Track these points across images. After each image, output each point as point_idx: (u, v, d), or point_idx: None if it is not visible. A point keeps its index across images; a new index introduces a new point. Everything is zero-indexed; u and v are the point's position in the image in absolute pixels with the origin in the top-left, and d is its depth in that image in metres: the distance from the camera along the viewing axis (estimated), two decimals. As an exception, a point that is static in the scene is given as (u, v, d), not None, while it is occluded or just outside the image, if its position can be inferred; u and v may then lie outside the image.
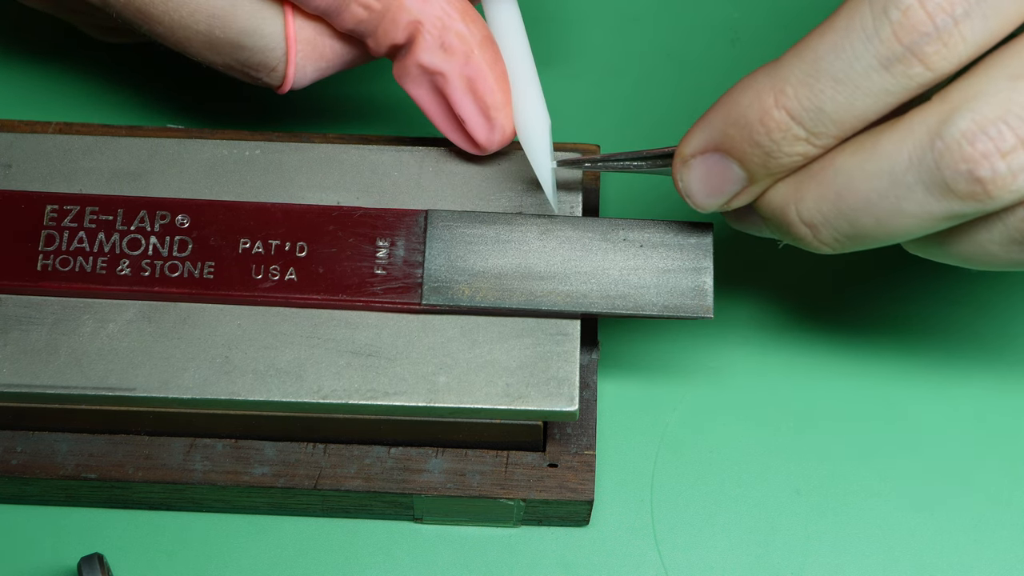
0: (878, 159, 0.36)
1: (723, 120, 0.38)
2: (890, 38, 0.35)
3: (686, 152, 0.39)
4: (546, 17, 0.54)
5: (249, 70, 0.44)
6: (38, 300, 0.44)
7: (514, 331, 0.43)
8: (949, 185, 0.35)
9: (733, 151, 0.38)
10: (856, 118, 0.36)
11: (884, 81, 0.35)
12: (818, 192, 0.37)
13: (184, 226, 0.44)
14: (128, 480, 0.45)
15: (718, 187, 0.39)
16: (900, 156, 0.35)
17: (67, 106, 0.52)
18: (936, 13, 0.34)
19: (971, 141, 0.34)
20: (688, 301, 0.43)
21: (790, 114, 0.36)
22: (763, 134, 0.37)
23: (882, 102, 0.36)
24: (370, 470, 0.45)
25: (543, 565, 0.47)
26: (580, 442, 0.46)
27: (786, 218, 0.38)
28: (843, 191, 0.37)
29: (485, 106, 0.44)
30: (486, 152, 0.45)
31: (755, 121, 0.37)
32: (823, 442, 0.48)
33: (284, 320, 0.43)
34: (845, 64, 0.35)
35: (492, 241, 0.44)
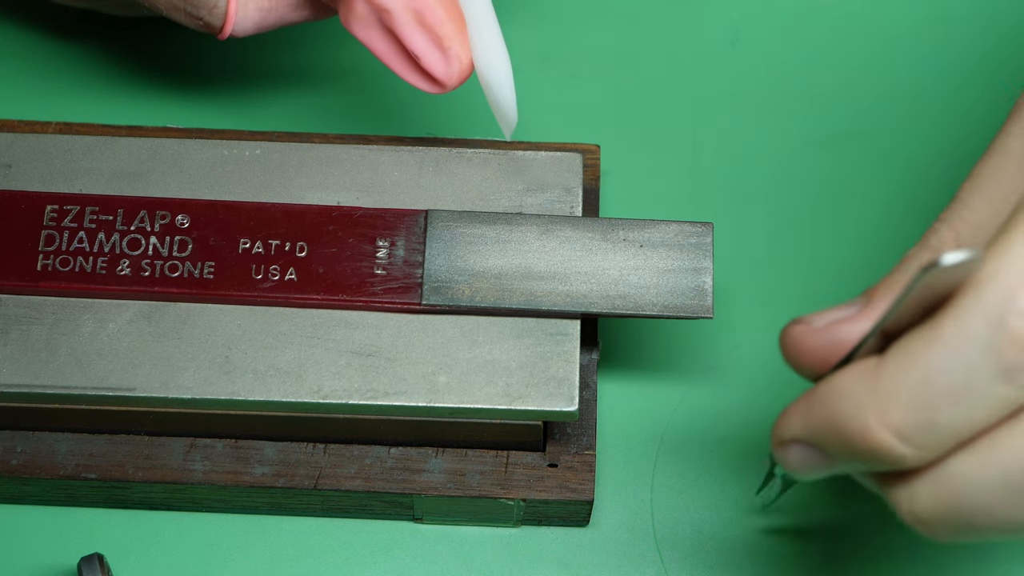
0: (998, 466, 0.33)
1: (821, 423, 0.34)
2: (1010, 348, 0.31)
3: (784, 437, 0.36)
4: (546, 17, 0.54)
5: (190, 7, 0.44)
6: (38, 300, 0.44)
7: (514, 331, 0.43)
8: None
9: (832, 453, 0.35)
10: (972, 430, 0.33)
11: (1006, 391, 0.32)
12: (932, 493, 0.34)
13: (184, 226, 0.44)
14: (128, 480, 0.45)
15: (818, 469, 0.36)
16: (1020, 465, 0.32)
17: (67, 106, 0.52)
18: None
19: None
20: (688, 301, 0.43)
21: (897, 434, 0.33)
22: (865, 450, 0.33)
23: (1001, 411, 0.32)
24: (370, 470, 0.45)
25: (543, 565, 0.47)
26: (580, 442, 0.46)
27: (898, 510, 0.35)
28: (958, 496, 0.33)
29: (437, 37, 0.43)
30: (448, 88, 0.44)
31: (856, 437, 0.33)
32: (823, 442, 0.48)
33: (284, 320, 0.43)
34: (960, 379, 0.32)
35: (492, 241, 0.44)
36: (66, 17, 0.53)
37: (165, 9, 0.44)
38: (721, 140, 0.53)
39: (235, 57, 0.53)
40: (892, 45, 0.54)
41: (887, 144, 0.52)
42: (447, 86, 0.44)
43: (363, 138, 0.48)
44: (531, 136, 0.51)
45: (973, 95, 0.53)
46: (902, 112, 0.53)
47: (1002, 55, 0.54)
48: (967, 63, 0.54)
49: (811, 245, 0.51)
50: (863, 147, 0.52)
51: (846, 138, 0.53)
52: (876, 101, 0.53)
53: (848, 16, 0.55)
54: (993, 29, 0.54)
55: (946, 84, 0.54)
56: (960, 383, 0.32)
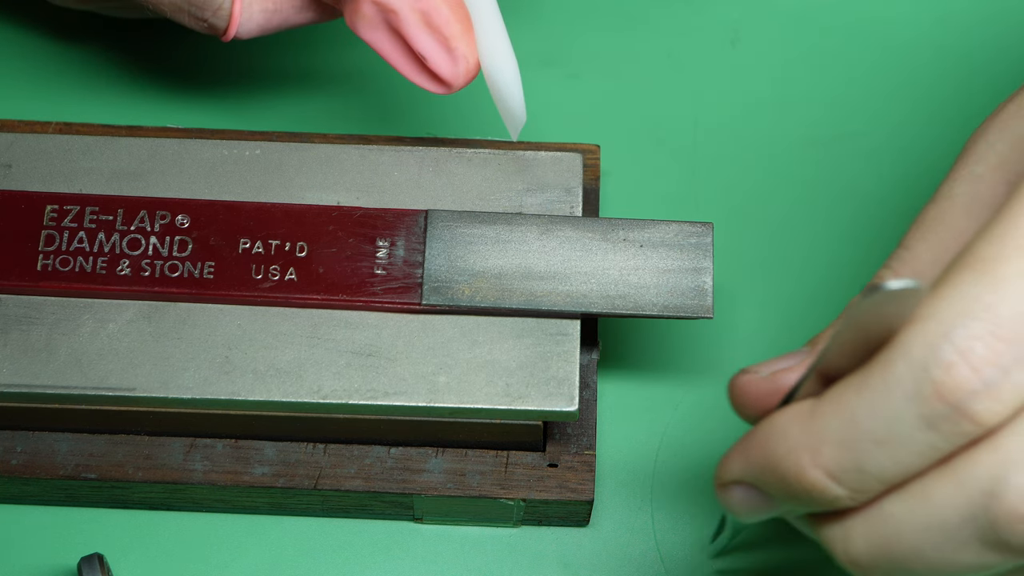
0: (929, 511, 0.33)
1: (759, 462, 0.35)
2: (933, 398, 0.31)
3: (725, 479, 0.37)
4: (546, 17, 0.54)
5: (194, 9, 0.44)
6: (38, 300, 0.44)
7: (514, 331, 0.43)
8: (1009, 544, 0.32)
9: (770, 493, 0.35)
10: (901, 474, 0.33)
11: (931, 439, 0.32)
12: (866, 537, 0.34)
13: (184, 226, 0.44)
14: (128, 480, 0.45)
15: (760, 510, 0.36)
16: (953, 511, 0.32)
17: (67, 106, 0.52)
18: (983, 368, 0.31)
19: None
20: (688, 301, 0.43)
21: (829, 475, 0.33)
22: (800, 490, 0.34)
23: (930, 457, 0.32)
24: (370, 470, 0.45)
25: (543, 565, 0.47)
26: (580, 442, 0.46)
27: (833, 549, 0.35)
28: (893, 540, 0.33)
29: (444, 38, 0.43)
30: (455, 88, 0.44)
31: (791, 477, 0.34)
32: (823, 442, 0.48)
33: (284, 320, 0.43)
34: (886, 425, 0.32)
35: (492, 241, 0.44)
36: (67, 18, 0.53)
37: (169, 11, 0.44)
38: (721, 140, 0.53)
39: (235, 58, 0.53)
40: (892, 45, 0.54)
41: (886, 144, 0.52)
42: (454, 86, 0.44)
43: (363, 138, 0.48)
44: (531, 136, 0.51)
45: (973, 95, 0.53)
46: (901, 112, 0.53)
47: (1002, 55, 0.54)
48: (967, 63, 0.54)
49: (811, 245, 0.51)
50: (862, 147, 0.52)
51: (845, 138, 0.53)
52: (875, 101, 0.53)
53: (848, 16, 0.55)
54: (993, 29, 0.54)
55: (945, 84, 0.54)
56: (886, 430, 0.32)
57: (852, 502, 0.33)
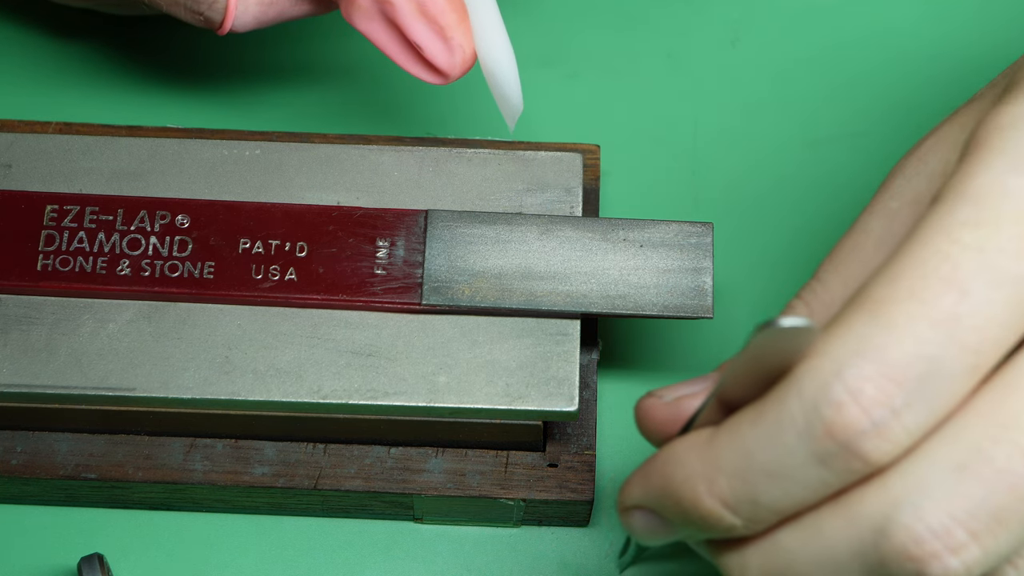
0: (820, 545, 0.33)
1: (658, 487, 0.35)
2: (823, 436, 0.32)
3: (626, 503, 0.37)
4: (546, 17, 0.54)
5: (190, 2, 0.44)
6: (38, 300, 0.44)
7: (514, 331, 0.43)
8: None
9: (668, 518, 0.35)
10: (794, 506, 0.33)
11: (821, 474, 0.32)
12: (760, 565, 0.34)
13: (184, 226, 0.44)
14: (128, 480, 0.45)
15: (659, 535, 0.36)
16: (843, 547, 0.33)
17: (67, 106, 0.52)
18: (872, 409, 0.31)
19: (918, 541, 0.31)
20: (688, 301, 0.43)
21: (724, 504, 0.33)
22: (696, 518, 0.34)
23: (821, 492, 0.33)
24: (370, 470, 0.45)
25: (543, 565, 0.47)
26: (580, 442, 0.46)
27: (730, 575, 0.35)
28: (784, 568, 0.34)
29: (439, 28, 0.43)
30: (451, 79, 0.44)
31: (687, 504, 0.34)
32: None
33: (284, 320, 0.43)
34: (778, 459, 0.32)
35: (492, 241, 0.44)
36: (66, 15, 0.53)
37: (165, 6, 0.44)
38: (721, 140, 0.53)
39: (236, 56, 0.53)
40: (892, 45, 0.54)
41: (886, 144, 0.52)
42: (450, 76, 0.44)
43: (363, 138, 0.48)
44: (531, 136, 0.51)
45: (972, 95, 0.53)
46: (901, 112, 0.53)
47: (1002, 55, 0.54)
48: (967, 63, 0.54)
49: (811, 245, 0.51)
50: (862, 147, 0.52)
51: (845, 138, 0.53)
52: (875, 101, 0.53)
53: (848, 16, 0.55)
54: (993, 29, 0.54)
55: (945, 85, 0.54)
56: (778, 464, 0.32)
57: (747, 531, 0.34)
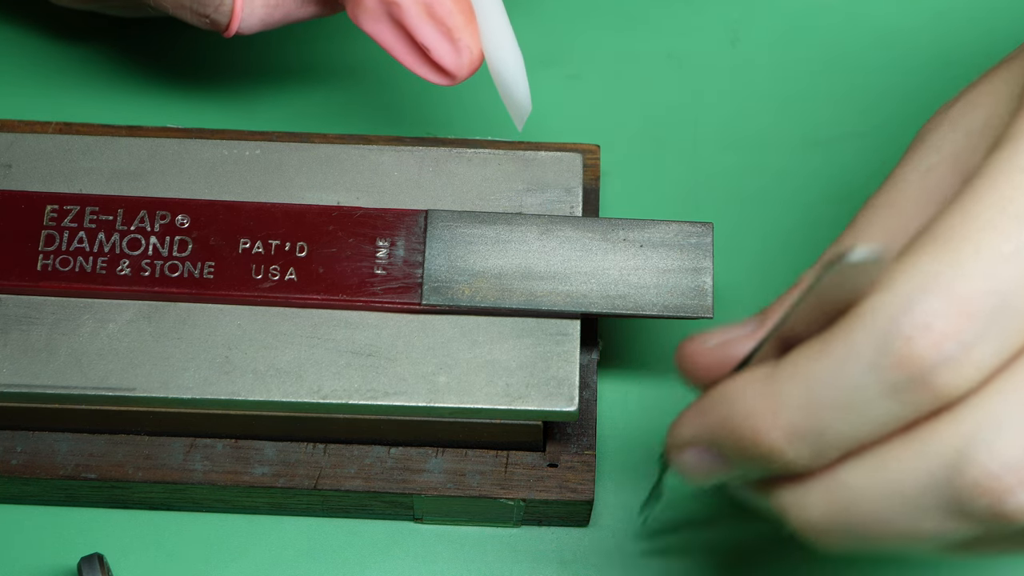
0: (889, 480, 0.33)
1: (716, 423, 0.35)
2: (893, 368, 0.31)
3: (679, 439, 0.36)
4: (546, 17, 0.54)
5: (196, 5, 0.44)
6: (38, 300, 0.44)
7: (514, 331, 0.43)
8: (971, 514, 0.32)
9: (726, 454, 0.35)
10: (861, 440, 0.33)
11: (892, 407, 0.32)
12: (823, 502, 0.34)
13: (184, 226, 0.44)
14: (128, 480, 0.45)
15: (713, 473, 0.36)
16: (914, 481, 0.32)
17: (67, 106, 0.52)
18: (943, 342, 0.31)
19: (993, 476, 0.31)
20: (688, 301, 0.43)
21: (787, 437, 0.33)
22: (758, 452, 0.34)
23: (890, 426, 0.32)
24: (370, 470, 0.45)
25: (543, 565, 0.47)
26: (580, 442, 0.46)
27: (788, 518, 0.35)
28: (849, 504, 0.33)
29: (447, 29, 0.43)
30: (458, 80, 0.44)
31: (749, 438, 0.34)
32: (823, 442, 0.48)
33: (284, 320, 0.43)
34: (846, 393, 0.32)
35: (492, 241, 0.44)
36: (68, 17, 0.53)
37: (171, 8, 0.44)
38: (721, 140, 0.53)
39: (236, 55, 0.53)
40: (892, 45, 0.54)
41: (886, 144, 0.52)
42: (457, 77, 0.44)
43: (363, 138, 0.48)
44: (531, 136, 0.51)
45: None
46: (901, 112, 0.53)
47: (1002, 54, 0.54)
48: (967, 62, 0.54)
49: (811, 245, 0.51)
50: (862, 147, 0.52)
51: (846, 138, 0.53)
52: (875, 101, 0.53)
53: (848, 16, 0.55)
54: (993, 28, 0.54)
55: (945, 84, 0.54)
56: (845, 398, 0.32)
57: (807, 467, 0.33)
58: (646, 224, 0.44)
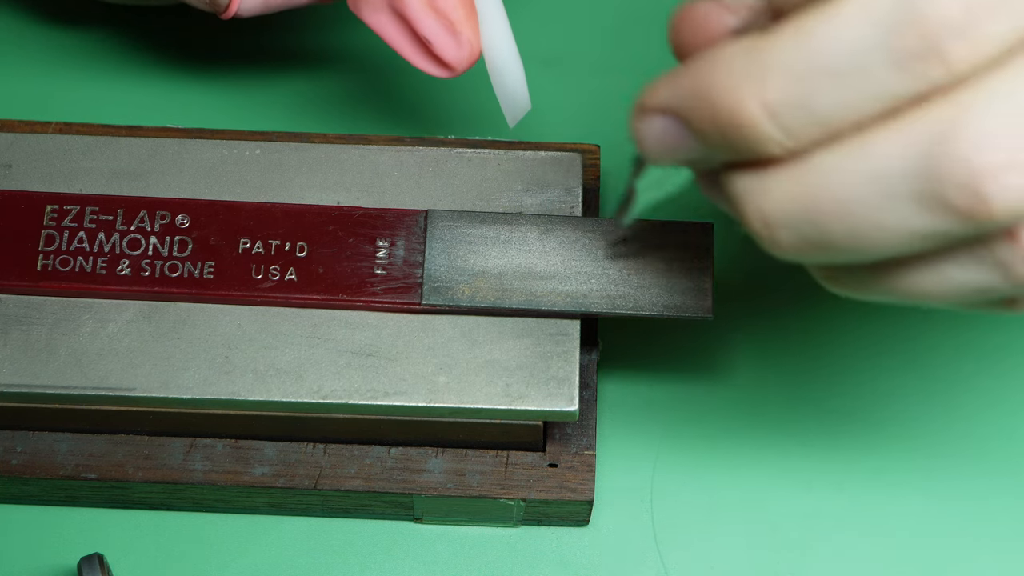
0: (865, 159, 0.30)
1: (692, 89, 0.31)
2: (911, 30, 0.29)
3: (647, 105, 0.33)
4: (546, 17, 0.54)
5: None
6: (38, 300, 0.44)
7: (514, 331, 0.43)
8: (946, 198, 0.29)
9: (695, 127, 0.32)
10: (848, 120, 0.30)
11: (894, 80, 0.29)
12: (786, 187, 0.31)
13: (184, 226, 0.44)
14: (128, 480, 0.45)
15: (672, 149, 0.33)
16: (892, 159, 0.30)
17: (67, 106, 0.52)
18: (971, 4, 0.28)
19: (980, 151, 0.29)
20: (688, 301, 0.43)
21: (769, 111, 0.30)
22: (731, 124, 0.31)
23: (883, 104, 0.30)
24: (370, 470, 0.45)
25: (543, 565, 0.47)
26: (580, 442, 0.46)
27: (744, 208, 0.32)
28: (817, 192, 0.31)
29: (449, 21, 0.43)
30: (457, 72, 0.44)
31: (725, 108, 0.31)
32: (823, 441, 0.48)
33: (284, 320, 0.43)
34: (851, 57, 0.29)
35: (492, 241, 0.44)
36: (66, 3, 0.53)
37: None
38: (721, 140, 0.52)
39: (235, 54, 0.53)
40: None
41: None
42: (457, 70, 0.44)
43: (363, 138, 0.48)
44: (531, 136, 0.51)
45: None
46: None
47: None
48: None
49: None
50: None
51: (846, 138, 0.53)
52: (876, 101, 0.53)
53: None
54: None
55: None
56: (849, 63, 0.29)
57: (781, 150, 0.31)
58: (646, 224, 0.44)
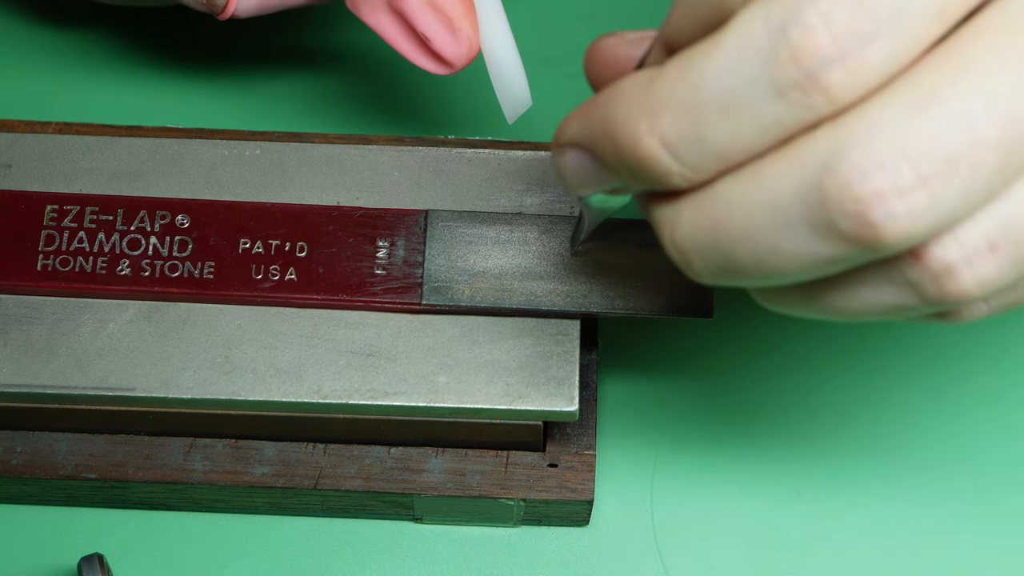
0: (761, 190, 0.31)
1: (597, 124, 0.33)
2: (788, 62, 0.30)
3: (560, 139, 0.35)
4: (546, 17, 0.54)
5: None
6: (38, 300, 0.44)
7: (514, 331, 0.43)
8: (836, 226, 0.30)
9: (601, 160, 0.33)
10: (741, 151, 0.31)
11: (778, 111, 0.30)
12: (693, 217, 0.32)
13: (184, 226, 0.44)
14: (128, 480, 0.45)
15: (589, 182, 0.35)
16: (784, 190, 0.31)
17: (67, 106, 0.52)
18: (842, 35, 0.30)
19: (863, 178, 0.30)
20: (688, 301, 0.43)
21: (664, 144, 0.31)
22: (633, 159, 0.32)
23: (772, 134, 0.31)
24: (370, 470, 0.45)
25: (543, 565, 0.47)
26: (580, 442, 0.46)
27: (659, 234, 0.34)
28: (720, 221, 0.32)
29: (447, 19, 0.43)
30: (456, 69, 0.44)
31: (625, 143, 0.32)
32: (823, 442, 0.48)
33: (284, 320, 0.43)
34: (734, 90, 0.30)
35: (492, 241, 0.44)
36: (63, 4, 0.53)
37: None
38: (721, 140, 0.52)
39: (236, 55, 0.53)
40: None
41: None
42: (456, 67, 0.44)
43: (363, 138, 0.48)
44: (531, 136, 0.51)
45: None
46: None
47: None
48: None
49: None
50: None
51: (846, 138, 0.53)
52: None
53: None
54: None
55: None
56: (732, 95, 0.30)
57: (684, 182, 0.32)
58: (646, 224, 0.44)
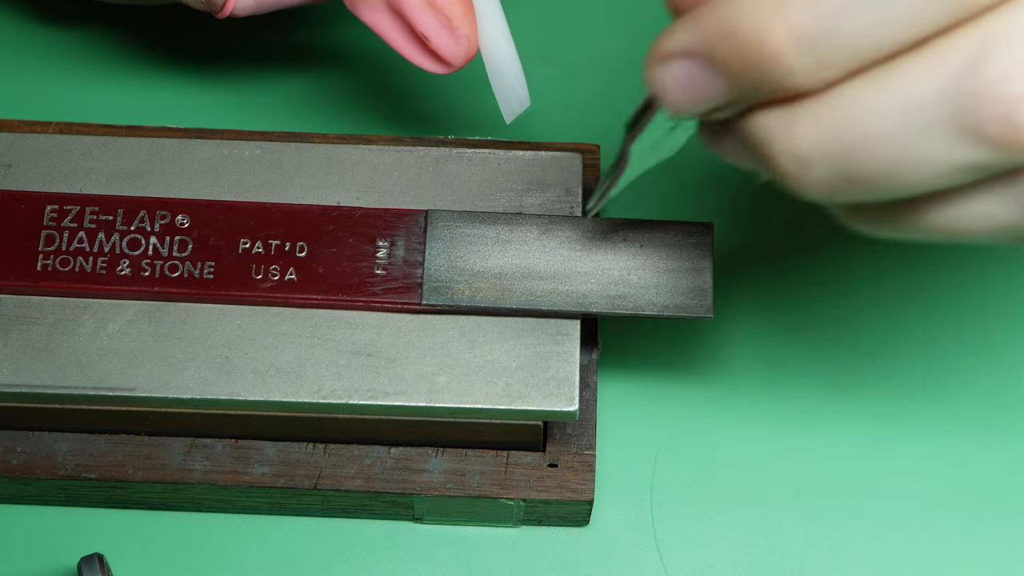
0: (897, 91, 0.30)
1: (715, 25, 0.31)
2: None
3: (667, 49, 0.33)
4: (546, 17, 0.54)
5: None
6: (38, 300, 0.44)
7: (514, 331, 0.43)
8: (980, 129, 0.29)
9: (721, 65, 0.31)
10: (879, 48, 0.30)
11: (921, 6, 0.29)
12: (818, 122, 0.31)
13: (184, 226, 0.44)
14: (128, 480, 0.45)
15: (697, 96, 0.33)
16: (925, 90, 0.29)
17: (67, 106, 0.52)
18: None
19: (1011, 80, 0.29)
20: (688, 301, 0.43)
21: (796, 37, 0.30)
22: (759, 56, 0.30)
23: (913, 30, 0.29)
24: (370, 470, 0.45)
25: (543, 565, 0.47)
26: (580, 442, 0.46)
27: (772, 148, 0.32)
28: (849, 125, 0.30)
29: (446, 18, 0.43)
30: (455, 68, 0.44)
31: (751, 39, 0.30)
32: (823, 442, 0.48)
33: (284, 320, 0.43)
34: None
35: (492, 241, 0.44)
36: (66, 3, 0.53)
37: None
38: (721, 140, 0.52)
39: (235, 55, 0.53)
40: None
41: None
42: (455, 66, 0.44)
43: (363, 138, 0.48)
44: (530, 135, 0.51)
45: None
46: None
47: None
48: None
49: (811, 244, 0.51)
50: (863, 147, 0.52)
51: (846, 138, 0.53)
52: (876, 101, 0.53)
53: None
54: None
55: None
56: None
57: (809, 81, 0.30)
58: (646, 224, 0.44)
